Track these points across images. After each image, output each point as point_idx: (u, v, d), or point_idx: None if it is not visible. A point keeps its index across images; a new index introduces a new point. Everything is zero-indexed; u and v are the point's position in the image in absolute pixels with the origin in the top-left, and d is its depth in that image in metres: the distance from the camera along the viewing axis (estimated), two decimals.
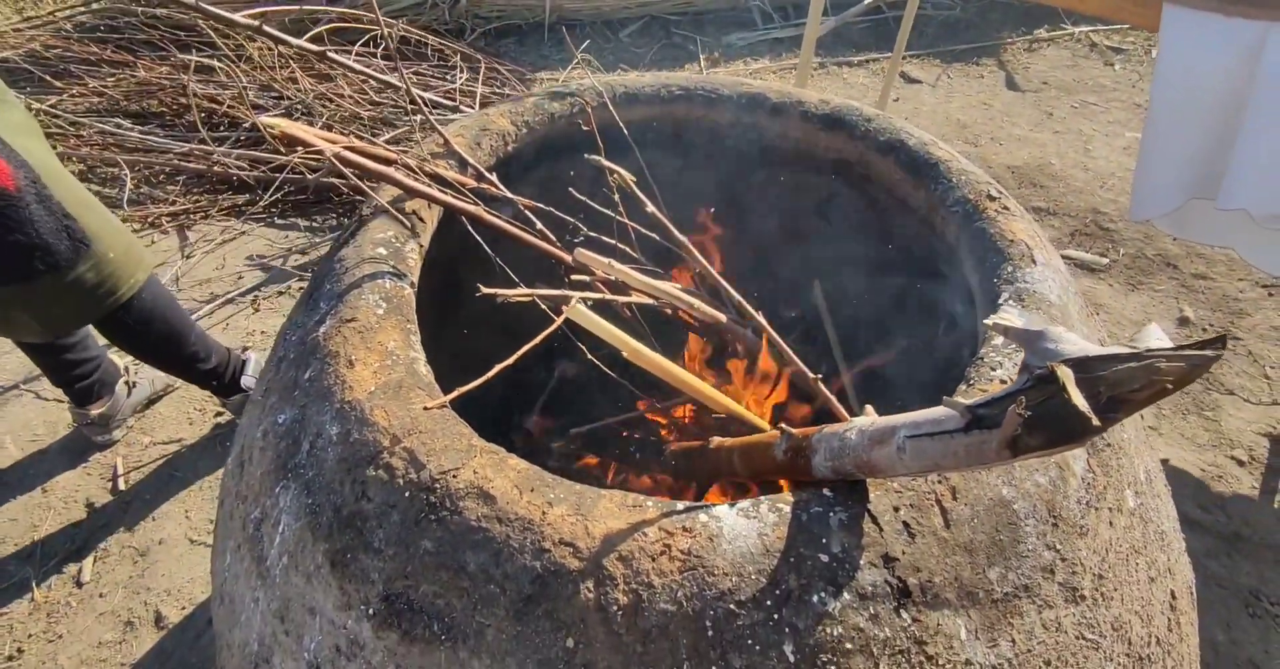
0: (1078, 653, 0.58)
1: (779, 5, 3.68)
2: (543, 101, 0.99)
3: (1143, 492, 0.71)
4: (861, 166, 1.00)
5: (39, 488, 1.58)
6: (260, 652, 0.62)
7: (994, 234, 0.81)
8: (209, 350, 1.53)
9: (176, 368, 1.52)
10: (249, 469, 0.70)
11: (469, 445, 0.58)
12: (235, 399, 1.63)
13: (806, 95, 1.02)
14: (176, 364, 1.50)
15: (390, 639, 0.54)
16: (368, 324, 0.68)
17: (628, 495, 0.55)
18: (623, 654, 0.50)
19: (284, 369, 0.71)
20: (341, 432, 0.60)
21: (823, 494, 0.55)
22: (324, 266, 0.78)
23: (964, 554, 0.55)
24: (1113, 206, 2.67)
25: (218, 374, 1.56)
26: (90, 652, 1.31)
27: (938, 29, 3.77)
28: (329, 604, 0.57)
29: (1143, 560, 0.67)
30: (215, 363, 1.55)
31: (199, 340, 1.50)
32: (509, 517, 0.53)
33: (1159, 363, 0.34)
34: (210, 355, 1.54)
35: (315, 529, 0.58)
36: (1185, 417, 1.98)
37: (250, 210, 2.46)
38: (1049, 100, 3.32)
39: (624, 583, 0.51)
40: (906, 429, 0.48)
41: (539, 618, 0.51)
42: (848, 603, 0.51)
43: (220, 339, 2.00)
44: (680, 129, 1.06)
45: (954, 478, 0.57)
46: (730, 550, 0.52)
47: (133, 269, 1.28)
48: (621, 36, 3.54)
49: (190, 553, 1.46)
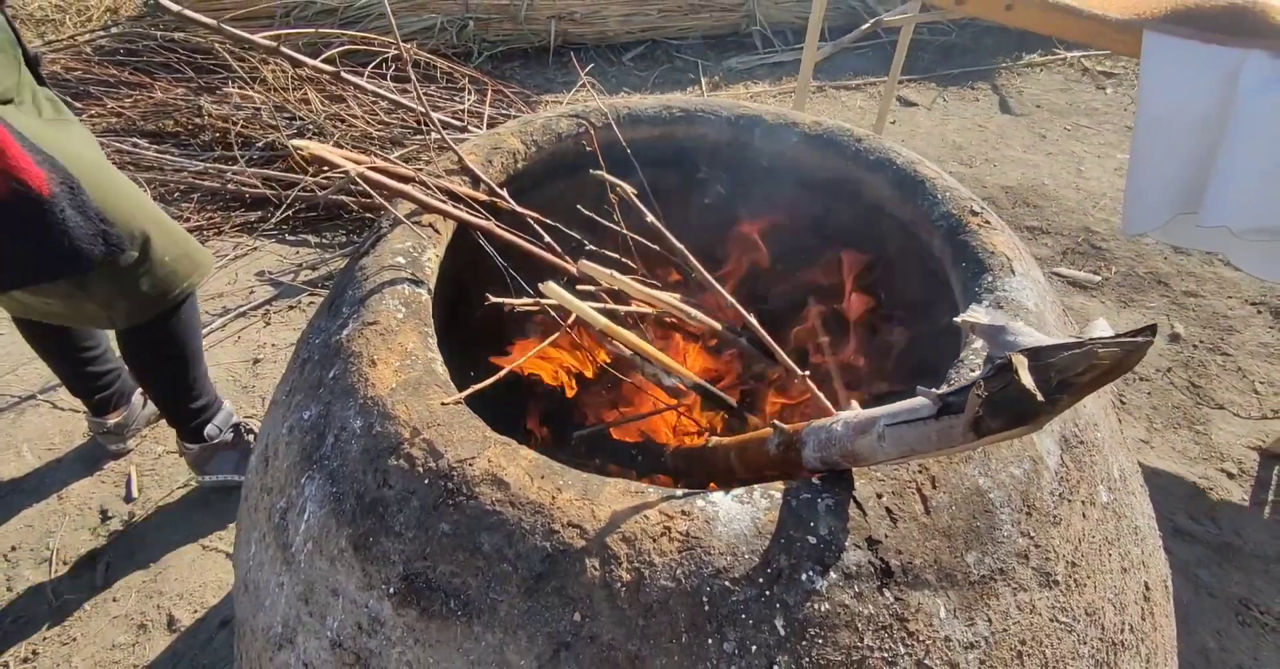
0: (1051, 635, 0.62)
1: (779, 30, 3.78)
2: (551, 122, 1.05)
3: (1116, 488, 0.75)
4: (852, 184, 1.06)
5: (55, 495, 1.62)
6: (284, 633, 0.66)
7: (975, 246, 0.86)
8: (204, 389, 1.51)
9: (167, 393, 1.48)
10: (274, 463, 0.74)
11: (483, 437, 0.63)
12: (195, 448, 1.56)
13: (801, 117, 1.08)
14: (171, 389, 1.47)
15: (410, 616, 0.58)
16: (388, 327, 0.72)
17: (631, 483, 0.60)
18: (626, 627, 0.54)
19: (308, 370, 0.75)
20: (364, 425, 0.65)
21: (811, 482, 0.59)
22: (345, 275, 0.83)
23: (943, 539, 0.59)
24: (1105, 226, 2.73)
25: (196, 414, 1.51)
26: (104, 654, 1.34)
27: (934, 54, 3.87)
28: (351, 585, 0.61)
29: (1116, 552, 0.71)
30: (203, 403, 1.52)
31: (203, 375, 1.50)
32: (521, 501, 0.58)
33: (1098, 349, 0.38)
34: (203, 394, 1.51)
35: (339, 515, 0.63)
36: (1176, 430, 2.02)
37: (262, 227, 2.52)
38: (1042, 123, 3.40)
39: (627, 562, 0.55)
40: (885, 418, 0.52)
41: (548, 594, 0.55)
42: (834, 581, 0.55)
43: (232, 351, 2.06)
44: (681, 149, 1.12)
45: (934, 468, 0.61)
46: (725, 532, 0.56)
47: (188, 272, 1.31)
48: (624, 60, 3.64)
49: (201, 558, 1.49)
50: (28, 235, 1.09)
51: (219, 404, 1.59)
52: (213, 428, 1.55)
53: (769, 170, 1.11)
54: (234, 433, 1.60)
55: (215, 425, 1.56)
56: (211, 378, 1.82)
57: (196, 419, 1.52)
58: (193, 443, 1.56)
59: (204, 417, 1.54)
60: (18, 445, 1.72)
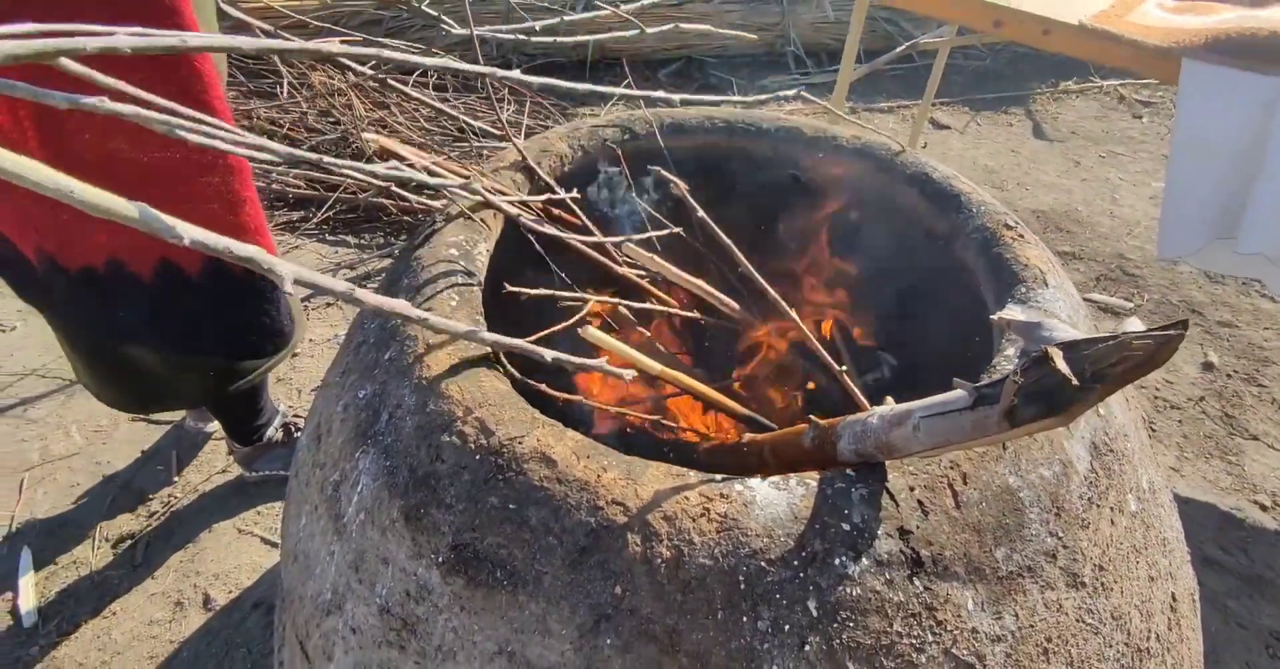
0: (1077, 635, 0.63)
1: (812, 51, 3.82)
2: (598, 128, 1.09)
3: (1145, 499, 0.76)
4: (888, 197, 1.08)
5: (100, 475, 1.68)
6: (333, 599, 0.70)
7: (1009, 259, 0.88)
8: (266, 406, 1.57)
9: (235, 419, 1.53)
10: (327, 440, 0.78)
11: (532, 418, 0.66)
12: (246, 450, 1.62)
13: (839, 131, 1.11)
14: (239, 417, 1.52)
15: (457, 584, 0.61)
16: (443, 314, 0.76)
17: (671, 466, 0.62)
18: (664, 602, 0.56)
19: (364, 352, 0.79)
20: (419, 403, 0.68)
21: (846, 473, 0.62)
22: (400, 265, 0.88)
23: (972, 533, 0.61)
24: (1139, 253, 2.72)
25: (257, 428, 1.57)
26: (142, 629, 1.38)
27: (967, 78, 3.88)
28: (401, 554, 0.64)
29: (1143, 560, 0.72)
30: (264, 419, 1.57)
31: (267, 398, 1.54)
32: (568, 478, 0.60)
33: (1132, 340, 0.40)
34: (265, 410, 1.56)
35: (392, 488, 0.66)
36: (1208, 460, 2.00)
37: (304, 226, 2.60)
38: (1076, 149, 3.39)
39: (668, 539, 0.57)
40: (921, 411, 0.55)
41: (591, 567, 0.57)
42: (866, 568, 0.57)
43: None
44: (722, 158, 1.15)
45: (965, 465, 0.63)
46: (762, 516, 0.58)
47: (302, 336, 1.34)
48: (660, 76, 3.70)
49: (237, 541, 1.54)
50: (248, 311, 1.11)
51: (276, 410, 1.64)
52: (271, 430, 1.61)
53: (806, 182, 1.14)
54: (283, 431, 1.65)
55: (275, 427, 1.62)
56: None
57: (256, 432, 1.58)
58: (245, 445, 1.61)
59: (263, 429, 1.59)
60: (67, 426, 1.79)
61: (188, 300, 1.10)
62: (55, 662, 1.34)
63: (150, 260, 1.05)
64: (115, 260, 1.04)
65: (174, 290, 1.08)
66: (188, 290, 1.09)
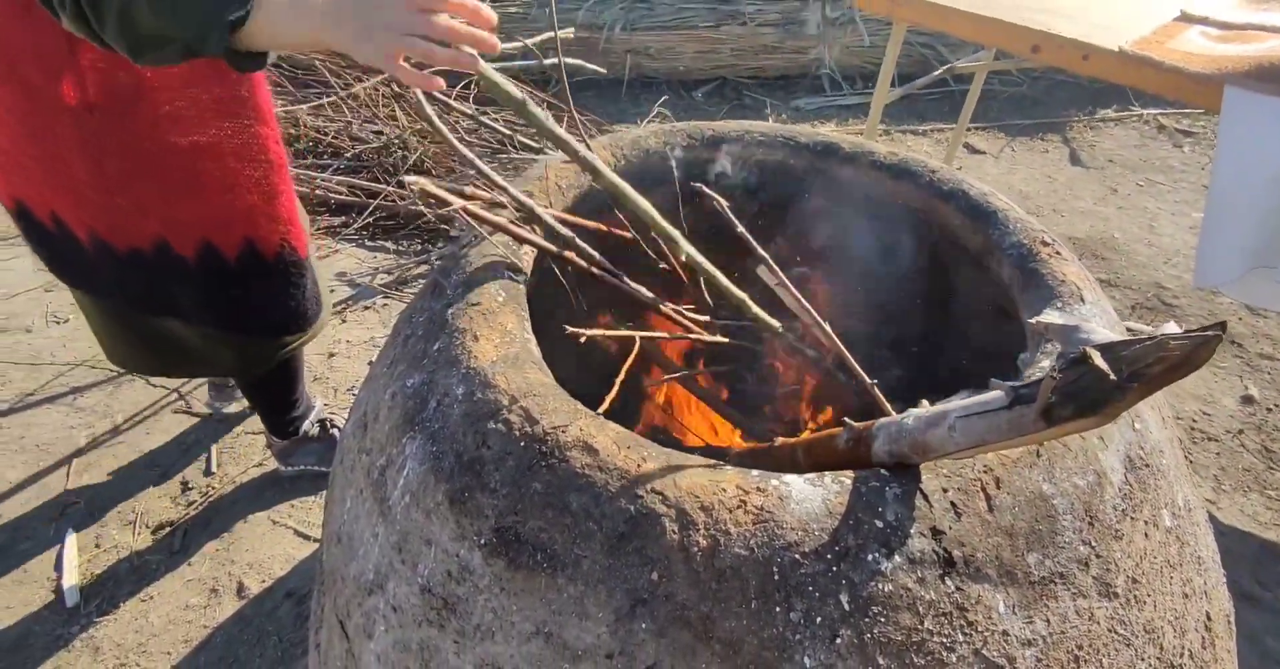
0: (1109, 644, 0.63)
1: (848, 74, 3.86)
2: (640, 138, 1.12)
3: (1180, 515, 0.76)
4: (925, 212, 1.10)
5: (142, 464, 1.74)
6: (375, 579, 0.72)
7: (1046, 274, 0.89)
8: (302, 398, 1.62)
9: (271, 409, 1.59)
10: (374, 427, 0.81)
11: (575, 409, 0.68)
12: (283, 444, 1.67)
13: (876, 147, 1.13)
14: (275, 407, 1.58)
15: (498, 566, 0.63)
16: (490, 308, 0.79)
17: (710, 460, 0.64)
18: (699, 589, 0.58)
19: (411, 343, 0.83)
20: (466, 392, 0.71)
21: (880, 473, 0.63)
22: (448, 263, 0.91)
23: (1004, 537, 0.61)
24: (1177, 283, 2.68)
25: (293, 421, 1.63)
26: (178, 613, 1.42)
27: (1003, 104, 3.88)
28: (445, 536, 0.66)
29: (1178, 576, 0.72)
30: (300, 412, 1.63)
31: (302, 390, 1.60)
32: (609, 466, 0.63)
33: (1169, 341, 0.42)
34: (300, 403, 1.62)
35: (438, 472, 0.69)
36: (1246, 493, 1.95)
37: (344, 231, 2.68)
38: (1114, 177, 3.36)
39: (704, 529, 0.59)
40: (958, 412, 0.56)
41: (629, 553, 0.59)
42: (899, 565, 0.58)
43: (309, 345, 2.17)
44: (761, 172, 1.18)
45: (998, 470, 0.64)
46: (798, 510, 0.60)
47: (325, 321, 1.41)
48: (695, 95, 3.76)
49: (271, 533, 1.58)
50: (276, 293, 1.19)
51: (312, 405, 1.69)
52: (308, 424, 1.66)
53: (843, 196, 1.16)
54: (319, 427, 1.69)
55: (311, 421, 1.66)
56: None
57: (293, 425, 1.63)
58: (282, 438, 1.66)
59: (299, 422, 1.64)
60: (113, 415, 1.86)
61: (226, 281, 1.18)
62: (94, 641, 1.38)
63: (194, 243, 1.13)
64: (163, 243, 1.12)
65: (215, 271, 1.16)
66: (226, 272, 1.16)
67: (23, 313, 2.21)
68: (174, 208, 1.10)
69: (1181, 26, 1.69)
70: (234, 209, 1.13)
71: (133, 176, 1.06)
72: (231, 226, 1.14)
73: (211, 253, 1.14)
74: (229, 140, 1.08)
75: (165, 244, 1.12)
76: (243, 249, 1.15)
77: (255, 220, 1.15)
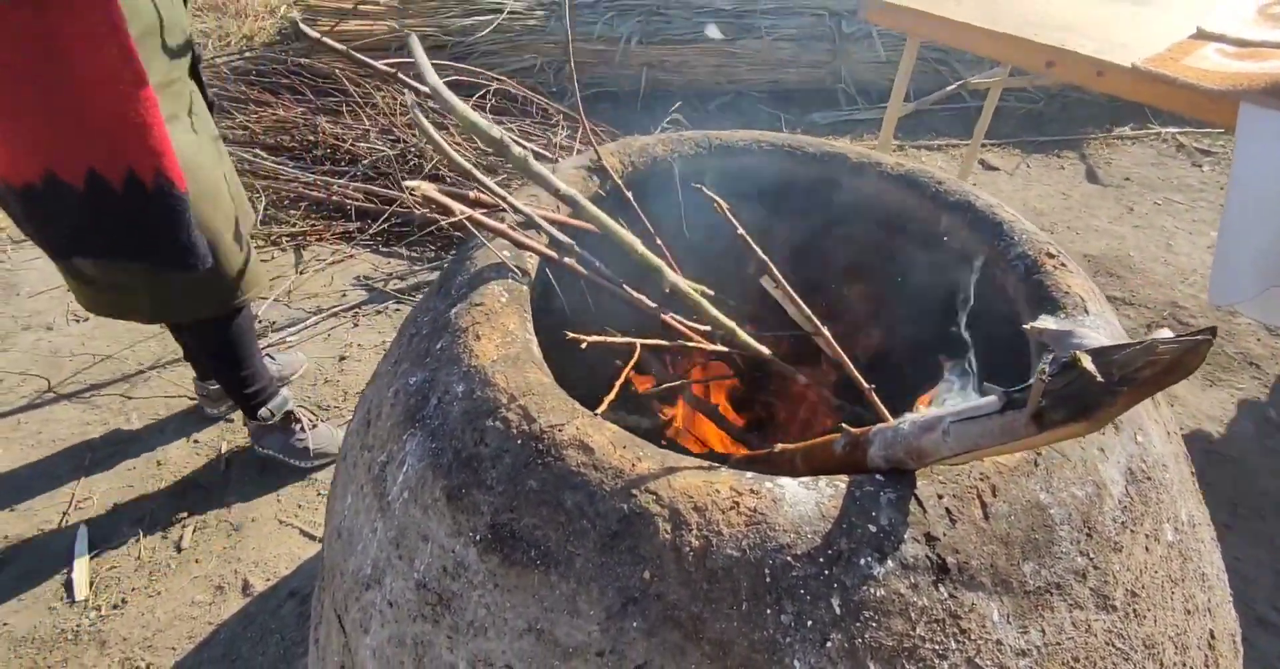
0: (1106, 658, 0.63)
1: (862, 88, 3.87)
2: (648, 145, 1.14)
3: (1184, 531, 0.75)
4: (931, 223, 1.10)
5: (155, 461, 1.76)
6: (373, 574, 0.73)
7: (1050, 286, 0.88)
8: (257, 379, 1.66)
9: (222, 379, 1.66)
10: (376, 423, 0.82)
11: (572, 408, 0.69)
12: (253, 423, 1.74)
13: (883, 157, 1.14)
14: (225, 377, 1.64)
15: (492, 562, 0.63)
16: (493, 308, 0.80)
17: (704, 461, 0.64)
18: (691, 589, 0.58)
19: (416, 342, 0.84)
20: (467, 390, 0.72)
21: (875, 478, 0.63)
22: (454, 265, 0.92)
23: (1000, 545, 0.61)
24: (1193, 302, 2.65)
25: (250, 398, 1.67)
26: (184, 609, 1.43)
27: (1019, 121, 3.87)
28: (441, 532, 0.67)
29: (1180, 592, 0.71)
30: (256, 389, 1.67)
31: (255, 369, 1.64)
32: (604, 465, 0.63)
33: (1157, 346, 0.42)
34: (255, 383, 1.66)
35: (436, 469, 0.69)
36: (1263, 519, 1.92)
37: (360, 237, 2.71)
38: (1131, 195, 3.34)
39: (697, 529, 0.59)
40: (951, 417, 0.56)
41: (622, 552, 0.60)
42: (891, 570, 0.58)
43: (322, 347, 2.20)
44: (768, 180, 1.19)
45: (994, 478, 0.64)
46: (791, 513, 0.60)
47: (245, 288, 1.45)
48: (709, 108, 3.78)
49: (278, 532, 1.59)
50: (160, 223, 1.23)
51: (273, 390, 1.72)
52: (265, 411, 1.70)
53: (849, 206, 1.16)
54: (284, 418, 1.73)
55: (269, 409, 1.70)
56: (302, 371, 1.96)
57: (251, 401, 1.67)
58: (252, 419, 1.72)
59: (257, 400, 1.68)
60: (128, 413, 1.88)
61: (112, 208, 1.21)
62: (102, 635, 1.40)
63: (80, 171, 1.16)
64: (51, 173, 1.16)
65: (102, 200, 1.19)
66: (112, 199, 1.19)
67: (45, 311, 2.26)
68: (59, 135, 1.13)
69: (1197, 44, 1.69)
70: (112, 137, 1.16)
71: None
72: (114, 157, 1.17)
73: (98, 181, 1.18)
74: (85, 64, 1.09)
75: (53, 174, 1.16)
76: (126, 178, 1.19)
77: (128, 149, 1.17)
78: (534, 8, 3.69)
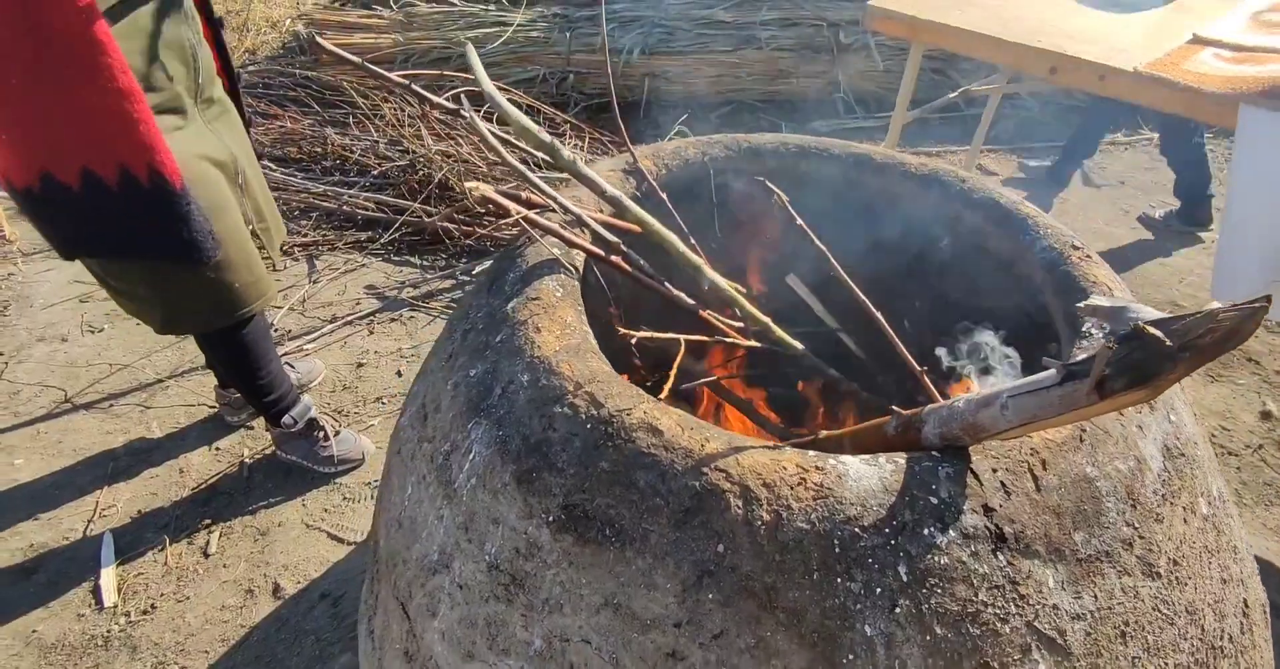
0: (1154, 622, 0.66)
1: (861, 98, 3.93)
2: (680, 148, 1.17)
3: (1215, 505, 0.79)
4: (955, 220, 1.14)
5: (178, 469, 1.77)
6: (440, 559, 0.75)
7: (1077, 277, 0.92)
8: (276, 386, 1.66)
9: (242, 388, 1.66)
10: (435, 416, 0.84)
11: (637, 394, 0.72)
12: (276, 430, 1.74)
13: (907, 157, 1.18)
14: (244, 385, 1.64)
15: (566, 542, 0.66)
16: (549, 303, 0.83)
17: (768, 440, 0.67)
18: (763, 561, 0.61)
19: (471, 337, 0.86)
20: (532, 379, 0.75)
21: (931, 454, 0.66)
22: (503, 263, 0.95)
23: (1052, 516, 0.64)
24: (1191, 301, 2.71)
25: (271, 405, 1.67)
26: (214, 613, 1.44)
27: (1015, 127, 3.94)
28: (512, 514, 0.70)
29: (1216, 562, 0.74)
30: (276, 397, 1.67)
31: (274, 376, 1.64)
32: (674, 446, 0.66)
33: (1218, 314, 0.45)
34: (275, 390, 1.66)
35: (504, 455, 0.72)
36: (1268, 507, 1.96)
37: (371, 246, 2.74)
38: (1126, 198, 3.41)
39: (767, 504, 0.62)
40: (1009, 391, 0.59)
41: (695, 527, 0.62)
42: (953, 539, 0.61)
43: (338, 355, 2.22)
44: (798, 181, 1.23)
45: (1044, 452, 0.67)
46: (855, 487, 0.63)
47: (253, 297, 1.44)
48: (711, 118, 3.84)
49: (305, 535, 1.60)
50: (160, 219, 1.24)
51: (294, 398, 1.73)
52: (288, 418, 1.70)
53: (873, 205, 1.20)
54: (307, 425, 1.74)
55: (291, 416, 1.70)
56: (321, 378, 1.98)
57: (273, 409, 1.68)
58: (274, 426, 1.72)
59: (279, 407, 1.68)
60: (149, 422, 1.89)
61: (110, 206, 1.22)
62: (133, 640, 1.41)
63: (74, 169, 1.18)
64: (47, 174, 1.17)
65: (99, 198, 1.20)
66: (109, 197, 1.21)
67: (59, 322, 2.27)
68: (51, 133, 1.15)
69: (1195, 49, 1.75)
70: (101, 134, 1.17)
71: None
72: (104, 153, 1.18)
73: (93, 178, 1.19)
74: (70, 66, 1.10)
75: (48, 174, 1.17)
76: (120, 175, 1.20)
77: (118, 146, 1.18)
78: (536, 20, 3.74)
